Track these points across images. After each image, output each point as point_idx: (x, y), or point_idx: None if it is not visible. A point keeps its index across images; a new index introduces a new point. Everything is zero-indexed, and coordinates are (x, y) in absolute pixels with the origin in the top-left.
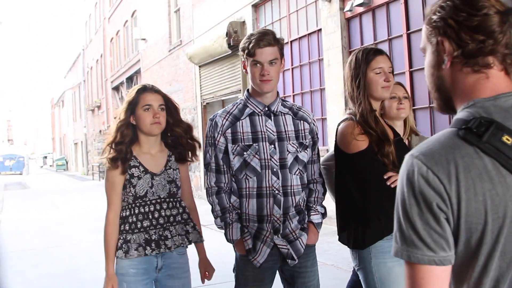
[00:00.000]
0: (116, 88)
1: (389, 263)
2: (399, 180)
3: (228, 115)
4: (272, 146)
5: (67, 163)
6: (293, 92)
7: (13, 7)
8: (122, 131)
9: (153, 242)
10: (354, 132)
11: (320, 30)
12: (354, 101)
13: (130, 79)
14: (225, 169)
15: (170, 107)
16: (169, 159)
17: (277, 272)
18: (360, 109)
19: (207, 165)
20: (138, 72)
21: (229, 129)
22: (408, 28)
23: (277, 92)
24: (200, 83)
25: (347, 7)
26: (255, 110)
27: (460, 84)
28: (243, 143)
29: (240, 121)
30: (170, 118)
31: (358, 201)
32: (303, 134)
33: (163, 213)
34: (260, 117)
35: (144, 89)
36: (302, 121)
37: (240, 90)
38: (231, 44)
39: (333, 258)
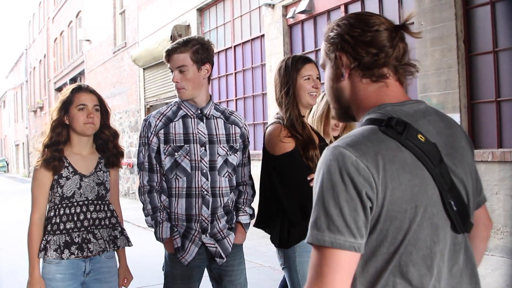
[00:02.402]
0: (60, 89)
1: None
2: (321, 171)
3: (161, 116)
4: (203, 148)
5: (7, 164)
6: (235, 96)
7: None
8: (57, 132)
9: (75, 245)
10: (280, 134)
11: (263, 35)
12: (282, 106)
13: (74, 80)
14: (157, 168)
15: (103, 109)
16: (99, 161)
17: (205, 270)
18: (288, 114)
19: (140, 164)
20: (82, 73)
21: (162, 129)
22: None
23: (210, 96)
24: (144, 85)
25: (289, 14)
26: (188, 112)
27: (361, 93)
28: (174, 144)
29: (173, 122)
30: (101, 120)
31: (283, 201)
32: (233, 138)
33: (89, 216)
34: (192, 119)
35: (79, 88)
36: (233, 126)
37: None
38: None
39: (270, 260)
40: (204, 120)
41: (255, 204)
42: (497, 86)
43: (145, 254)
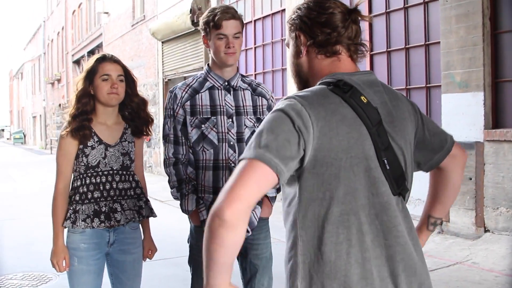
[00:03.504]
0: (77, 62)
1: None
2: (270, 114)
3: (187, 88)
4: (230, 120)
5: (25, 136)
6: (255, 71)
7: None
8: (83, 102)
9: (103, 214)
10: None
11: (284, 10)
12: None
13: (91, 53)
14: (183, 140)
15: (129, 79)
16: (125, 132)
17: None
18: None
19: (165, 137)
20: (100, 46)
21: (188, 101)
22: (370, 11)
23: (237, 68)
24: (163, 59)
25: None
26: (215, 84)
27: (316, 67)
28: (201, 116)
29: (200, 94)
30: (128, 90)
31: None
32: (260, 110)
33: (114, 186)
34: (219, 91)
35: (103, 58)
36: (260, 97)
37: (202, 67)
38: (195, 21)
39: None
40: (231, 92)
41: None
42: None
43: (161, 227)
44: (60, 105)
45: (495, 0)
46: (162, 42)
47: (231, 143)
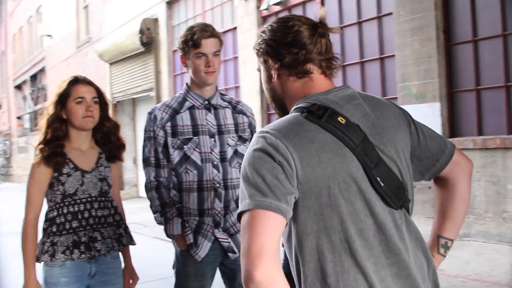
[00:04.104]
0: (19, 87)
1: None
2: (246, 153)
3: (167, 108)
4: (213, 139)
5: None
6: None
7: None
8: (54, 127)
9: (83, 244)
10: None
11: (235, 28)
12: None
13: (34, 77)
14: (165, 163)
15: (101, 100)
16: (100, 156)
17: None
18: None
19: (146, 160)
20: (43, 70)
21: (169, 122)
22: None
23: (216, 86)
24: (111, 81)
25: (263, 6)
26: (195, 103)
27: (289, 90)
28: (183, 137)
29: (180, 114)
30: (100, 113)
31: None
32: (242, 128)
33: (93, 213)
34: (200, 110)
35: (76, 80)
36: (241, 115)
37: (153, 88)
38: (144, 41)
39: None
40: (212, 111)
41: None
42: (476, 74)
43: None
44: (1, 132)
45: (447, 13)
46: (110, 64)
47: (215, 163)
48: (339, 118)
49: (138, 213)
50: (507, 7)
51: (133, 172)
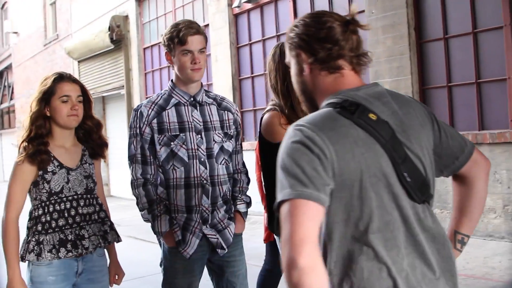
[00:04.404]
0: None
1: None
2: (283, 145)
3: (153, 105)
4: (199, 136)
5: None
6: None
7: None
8: (38, 124)
9: (69, 242)
10: (280, 121)
11: (207, 25)
12: (278, 93)
13: (0, 75)
14: (151, 160)
15: (85, 98)
16: (83, 153)
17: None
18: (288, 101)
19: (132, 157)
20: (9, 67)
21: (155, 119)
22: None
23: (201, 83)
24: (80, 79)
25: (235, 3)
26: (180, 100)
27: (320, 84)
28: (169, 133)
29: (166, 111)
30: (83, 111)
31: None
32: (227, 124)
33: (80, 211)
34: (186, 107)
35: (61, 77)
36: (226, 112)
37: (123, 86)
38: (114, 38)
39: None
40: (198, 107)
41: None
42: (448, 71)
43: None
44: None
45: (419, 11)
46: (79, 62)
47: (202, 159)
48: (370, 115)
49: (111, 211)
50: (477, 5)
51: (104, 171)
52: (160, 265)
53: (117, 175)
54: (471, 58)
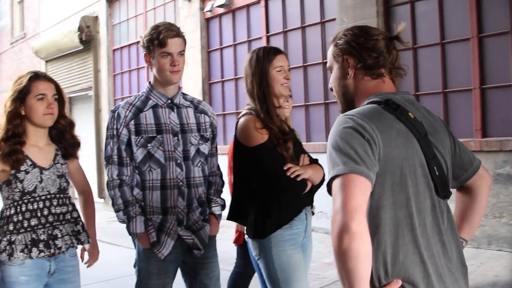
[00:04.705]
0: None
1: (288, 251)
2: (334, 130)
3: (131, 107)
4: (176, 138)
5: None
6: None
7: None
8: (15, 123)
9: (42, 242)
10: (256, 125)
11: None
12: (255, 98)
13: None
14: (128, 161)
15: (60, 98)
16: (57, 153)
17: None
18: (263, 105)
19: (108, 158)
20: None
21: (133, 120)
22: (268, 30)
23: (179, 85)
24: None
25: (207, 8)
26: (158, 102)
27: (362, 88)
28: (146, 135)
29: (143, 112)
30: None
31: (258, 192)
32: (204, 127)
33: (53, 211)
34: (163, 109)
35: (37, 76)
36: (203, 115)
37: (91, 87)
38: (83, 39)
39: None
40: (175, 110)
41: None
42: (415, 81)
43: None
44: None
45: (388, 21)
46: (46, 61)
47: (178, 161)
48: (410, 114)
49: None
50: (446, 17)
51: None
52: (134, 266)
53: None
54: (438, 68)
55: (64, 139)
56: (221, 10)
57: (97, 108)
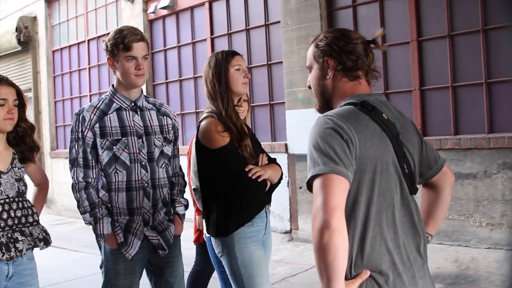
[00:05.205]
0: None
1: (251, 248)
2: (313, 131)
3: (95, 110)
4: (140, 140)
5: None
6: (90, 92)
7: None
8: None
9: (2, 245)
10: (217, 129)
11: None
12: (215, 99)
13: None
14: (93, 164)
15: (21, 102)
16: (14, 157)
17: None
18: (224, 105)
19: (73, 160)
20: None
21: (97, 123)
22: (212, 32)
23: (141, 89)
24: None
25: (150, 9)
26: (122, 105)
27: (340, 88)
28: (112, 138)
29: (108, 115)
30: (18, 114)
31: (221, 192)
32: (166, 129)
33: (12, 214)
34: (127, 112)
35: None
36: (165, 117)
37: (31, 89)
38: (21, 40)
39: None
40: (139, 112)
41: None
42: None
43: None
44: None
45: (332, 24)
46: None
47: (143, 163)
48: (383, 115)
49: None
50: (386, 21)
51: None
52: (100, 267)
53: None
54: (379, 70)
55: (24, 143)
56: (165, 12)
57: (37, 110)
